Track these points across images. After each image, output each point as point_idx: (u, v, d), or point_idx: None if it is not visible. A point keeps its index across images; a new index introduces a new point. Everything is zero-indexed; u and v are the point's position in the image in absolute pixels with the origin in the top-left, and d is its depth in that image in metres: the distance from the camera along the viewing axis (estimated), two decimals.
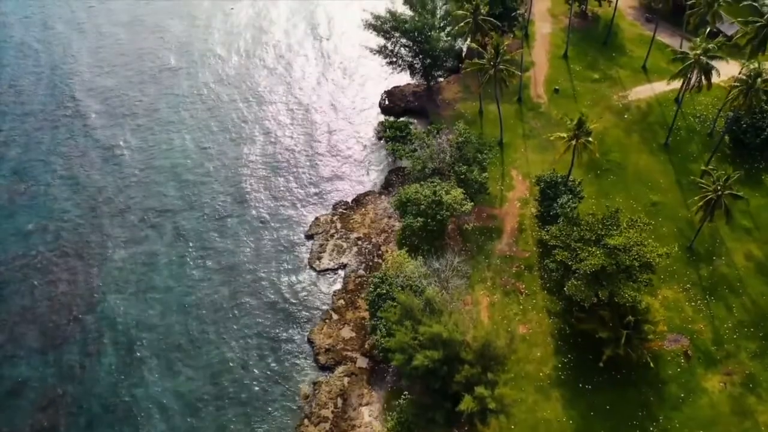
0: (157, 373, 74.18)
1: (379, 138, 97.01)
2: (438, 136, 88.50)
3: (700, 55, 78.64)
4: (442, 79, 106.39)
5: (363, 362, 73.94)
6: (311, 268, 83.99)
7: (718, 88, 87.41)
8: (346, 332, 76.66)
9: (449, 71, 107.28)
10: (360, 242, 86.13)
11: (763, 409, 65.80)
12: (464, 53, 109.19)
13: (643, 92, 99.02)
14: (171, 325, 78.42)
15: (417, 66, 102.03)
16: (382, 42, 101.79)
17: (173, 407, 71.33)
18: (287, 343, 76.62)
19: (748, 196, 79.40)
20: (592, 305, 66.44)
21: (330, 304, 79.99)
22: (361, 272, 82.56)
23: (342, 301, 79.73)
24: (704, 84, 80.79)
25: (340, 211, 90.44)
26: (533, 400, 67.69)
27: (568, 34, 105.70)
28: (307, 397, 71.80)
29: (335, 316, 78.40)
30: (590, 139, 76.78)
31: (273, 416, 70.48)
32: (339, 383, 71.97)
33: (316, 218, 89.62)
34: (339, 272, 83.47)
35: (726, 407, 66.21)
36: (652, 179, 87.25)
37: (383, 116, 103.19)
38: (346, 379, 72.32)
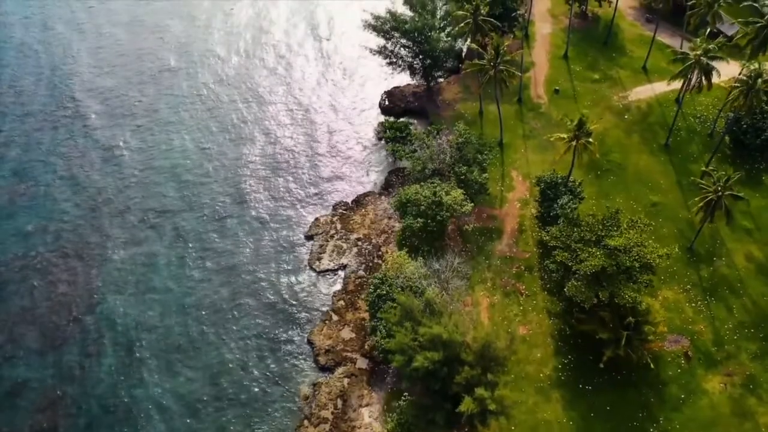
0: (156, 374, 74.14)
1: (379, 138, 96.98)
2: (438, 137, 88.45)
3: (701, 56, 78.60)
4: (442, 80, 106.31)
5: (363, 363, 73.87)
6: (311, 268, 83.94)
7: (718, 88, 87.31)
8: (346, 333, 76.57)
9: (449, 72, 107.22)
10: (360, 243, 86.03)
11: (764, 410, 65.71)
12: (464, 54, 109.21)
13: (643, 93, 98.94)
14: (171, 326, 78.40)
15: (417, 66, 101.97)
16: (382, 42, 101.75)
17: (173, 408, 71.28)
18: (287, 344, 76.55)
19: (749, 196, 79.35)
20: (593, 306, 66.36)
21: (330, 305, 79.90)
22: (361, 273, 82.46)
23: (342, 302, 79.64)
24: (704, 84, 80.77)
25: (340, 211, 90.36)
26: (533, 401, 67.61)
27: (568, 35, 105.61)
28: (306, 398, 71.72)
29: (335, 317, 78.31)
30: (590, 139, 76.74)
31: (273, 417, 70.42)
32: (339, 384, 71.90)
33: (316, 219, 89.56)
34: (339, 273, 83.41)
35: (726, 408, 66.14)
36: (652, 180, 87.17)
37: (383, 117, 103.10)
38: (346, 380, 72.25)
